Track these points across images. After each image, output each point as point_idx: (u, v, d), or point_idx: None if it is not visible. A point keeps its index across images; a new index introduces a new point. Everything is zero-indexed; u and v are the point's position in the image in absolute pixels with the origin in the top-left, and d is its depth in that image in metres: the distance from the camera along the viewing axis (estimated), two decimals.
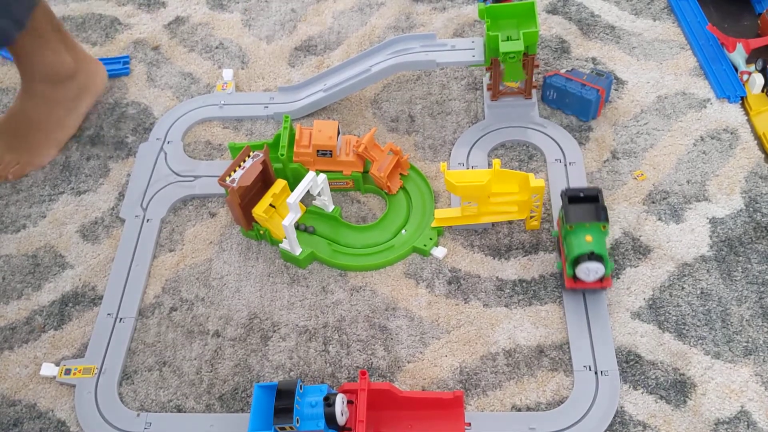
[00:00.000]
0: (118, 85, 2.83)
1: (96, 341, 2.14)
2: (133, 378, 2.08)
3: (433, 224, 2.27)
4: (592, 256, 1.95)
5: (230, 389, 2.04)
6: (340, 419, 1.76)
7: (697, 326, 2.04)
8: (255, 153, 2.21)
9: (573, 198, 2.04)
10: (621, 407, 1.92)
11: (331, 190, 2.37)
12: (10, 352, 2.17)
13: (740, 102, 2.51)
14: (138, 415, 2.00)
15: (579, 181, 2.34)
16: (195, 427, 1.96)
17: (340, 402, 1.76)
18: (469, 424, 1.83)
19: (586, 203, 2.02)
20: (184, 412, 2.01)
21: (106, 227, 2.42)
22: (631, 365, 1.99)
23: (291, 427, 1.72)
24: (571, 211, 2.01)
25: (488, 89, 2.58)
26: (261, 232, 2.29)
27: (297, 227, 2.29)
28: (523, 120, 2.52)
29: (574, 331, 2.04)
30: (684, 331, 2.03)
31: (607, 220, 1.99)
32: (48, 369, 2.09)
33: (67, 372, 2.08)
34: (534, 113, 2.54)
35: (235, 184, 2.14)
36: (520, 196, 2.18)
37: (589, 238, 1.96)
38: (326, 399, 1.75)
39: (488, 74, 2.56)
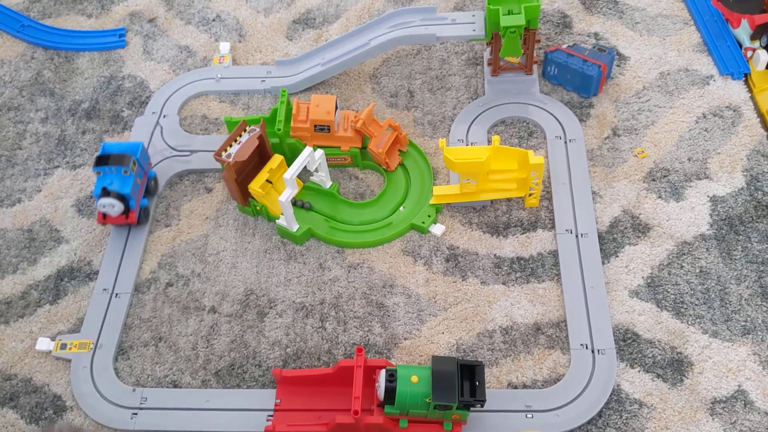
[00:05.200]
0: (114, 58, 2.80)
1: (92, 316, 2.13)
2: (128, 353, 2.08)
3: (432, 201, 2.25)
4: None
5: (226, 365, 2.03)
6: None
7: (696, 305, 2.03)
8: (251, 127, 2.18)
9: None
10: (617, 385, 1.92)
11: (329, 165, 2.34)
12: (5, 327, 2.16)
13: (744, 79, 2.48)
14: (134, 390, 2.00)
15: (579, 158, 2.31)
16: (191, 403, 1.97)
17: None
18: None
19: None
20: (180, 387, 2.01)
21: None
22: (628, 343, 1.98)
23: None
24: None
25: (489, 64, 2.54)
26: (258, 207, 2.27)
27: (294, 203, 2.27)
28: (524, 96, 2.49)
29: (571, 309, 2.03)
30: (682, 310, 2.02)
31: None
32: (44, 344, 2.08)
33: (63, 347, 2.07)
34: (535, 89, 2.51)
35: (231, 159, 2.12)
36: (519, 173, 2.16)
37: (414, 378, 1.75)
38: None
39: (489, 49, 2.53)
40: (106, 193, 2.19)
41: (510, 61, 2.51)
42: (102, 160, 2.23)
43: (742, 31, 2.54)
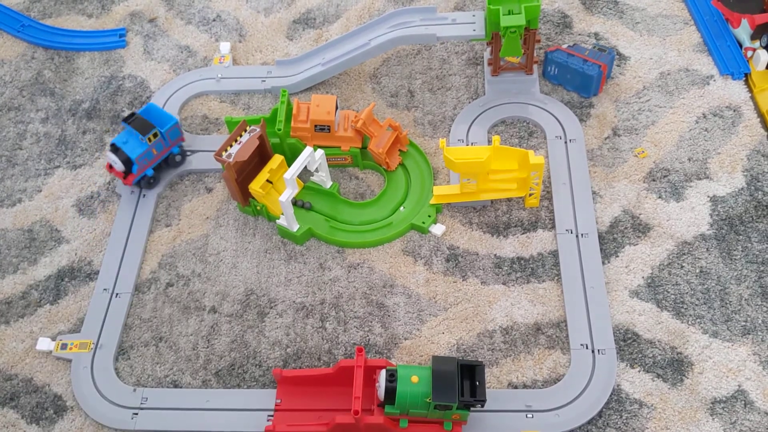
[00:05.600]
0: (114, 58, 2.80)
1: (92, 316, 2.14)
2: (129, 353, 2.08)
3: (432, 201, 2.25)
4: None
5: (227, 365, 2.03)
6: None
7: (696, 305, 2.03)
8: (252, 128, 2.18)
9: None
10: (618, 385, 1.92)
11: (329, 165, 2.34)
12: (6, 327, 2.16)
13: (744, 79, 2.48)
14: (134, 390, 2.00)
15: (579, 158, 2.31)
16: (191, 403, 1.97)
17: None
18: None
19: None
20: (181, 387, 2.01)
21: (102, 202, 2.40)
22: (628, 344, 1.98)
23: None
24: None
25: (489, 64, 2.54)
26: (258, 207, 2.27)
27: (294, 203, 2.27)
28: (524, 96, 2.49)
29: (571, 309, 2.03)
30: (682, 310, 2.02)
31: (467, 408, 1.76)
32: (44, 344, 2.08)
33: (63, 347, 2.08)
34: (535, 89, 2.51)
35: (231, 159, 2.12)
36: (519, 173, 2.16)
37: (415, 378, 1.75)
38: None
39: (489, 49, 2.53)
40: (115, 149, 2.29)
41: (510, 61, 2.51)
42: (131, 117, 2.31)
43: (743, 31, 2.54)
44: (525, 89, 2.51)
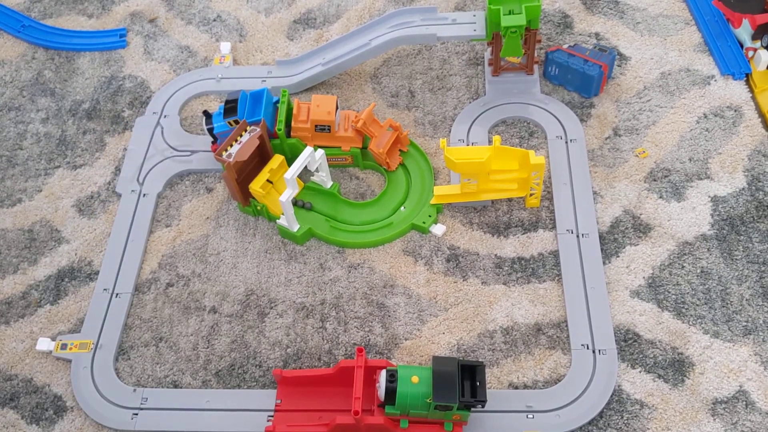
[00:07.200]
0: (115, 58, 2.80)
1: (92, 316, 2.13)
2: (129, 353, 2.08)
3: (433, 201, 2.25)
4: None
5: (227, 365, 2.03)
6: None
7: (697, 305, 2.02)
8: (252, 127, 2.18)
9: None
10: (618, 386, 1.91)
11: (330, 166, 2.34)
12: (6, 327, 2.16)
13: (745, 79, 2.47)
14: (134, 390, 2.00)
15: (580, 158, 2.31)
16: (191, 403, 1.96)
17: None
18: None
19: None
20: (181, 387, 2.00)
21: (103, 202, 2.40)
22: (629, 344, 1.98)
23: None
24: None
25: (489, 64, 2.54)
26: (258, 207, 2.27)
27: (294, 203, 2.27)
28: (525, 96, 2.49)
29: (572, 310, 2.03)
30: (683, 310, 2.02)
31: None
32: (44, 344, 2.08)
33: (63, 347, 2.07)
34: (536, 89, 2.50)
35: (231, 159, 2.11)
36: (520, 173, 2.16)
37: (415, 379, 1.74)
38: None
39: (490, 49, 2.53)
40: (208, 115, 2.36)
41: (511, 61, 2.50)
42: (234, 97, 2.35)
43: (743, 31, 2.54)
44: (525, 89, 2.51)
